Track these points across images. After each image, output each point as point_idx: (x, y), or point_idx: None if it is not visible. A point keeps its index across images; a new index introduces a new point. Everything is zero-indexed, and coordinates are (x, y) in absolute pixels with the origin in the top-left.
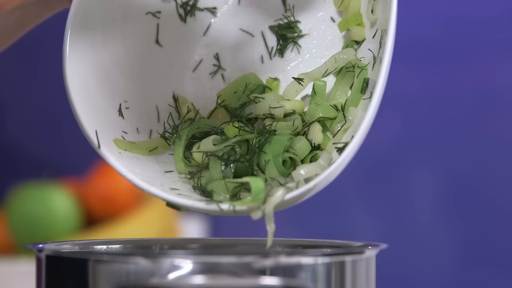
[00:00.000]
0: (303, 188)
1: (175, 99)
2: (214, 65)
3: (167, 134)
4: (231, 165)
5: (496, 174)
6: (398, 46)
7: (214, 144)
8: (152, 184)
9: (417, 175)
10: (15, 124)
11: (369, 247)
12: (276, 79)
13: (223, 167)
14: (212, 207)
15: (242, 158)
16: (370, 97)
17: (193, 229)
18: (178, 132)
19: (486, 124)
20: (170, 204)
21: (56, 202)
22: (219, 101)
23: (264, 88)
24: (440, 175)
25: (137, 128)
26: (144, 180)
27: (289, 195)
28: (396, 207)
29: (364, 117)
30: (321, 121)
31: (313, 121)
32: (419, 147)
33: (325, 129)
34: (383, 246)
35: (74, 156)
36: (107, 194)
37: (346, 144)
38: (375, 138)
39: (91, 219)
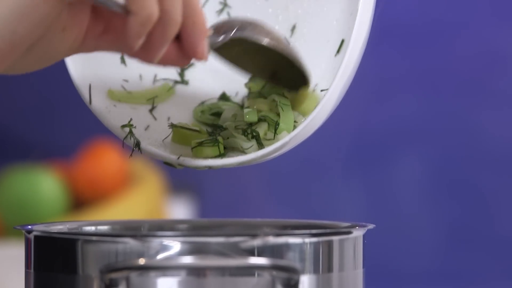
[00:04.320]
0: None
1: None
2: (220, 2)
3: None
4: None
5: (482, 157)
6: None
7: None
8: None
9: (404, 157)
10: (2, 106)
11: (357, 227)
12: None
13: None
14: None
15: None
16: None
17: (180, 210)
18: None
19: (472, 108)
20: (167, 163)
21: (44, 185)
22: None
23: None
24: (427, 158)
25: (140, 75)
26: (138, 136)
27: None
28: (383, 189)
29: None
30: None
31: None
32: (406, 130)
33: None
34: (370, 226)
35: (62, 139)
36: (95, 177)
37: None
38: (362, 121)
39: (79, 201)
